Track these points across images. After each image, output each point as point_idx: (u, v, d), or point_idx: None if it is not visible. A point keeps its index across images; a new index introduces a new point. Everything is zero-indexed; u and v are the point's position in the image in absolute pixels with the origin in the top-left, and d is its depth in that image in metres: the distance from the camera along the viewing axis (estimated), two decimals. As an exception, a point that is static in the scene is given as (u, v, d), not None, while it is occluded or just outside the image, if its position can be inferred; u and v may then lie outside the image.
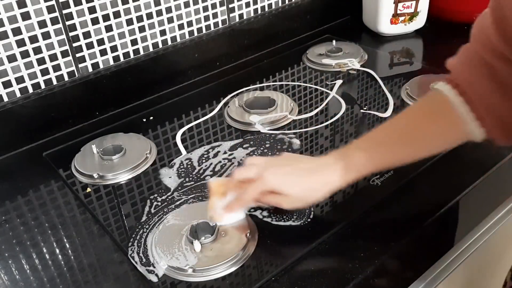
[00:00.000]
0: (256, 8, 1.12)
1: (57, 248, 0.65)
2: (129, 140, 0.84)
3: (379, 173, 0.71)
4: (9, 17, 0.80)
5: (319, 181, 0.61)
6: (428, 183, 0.70)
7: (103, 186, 0.75)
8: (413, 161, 0.61)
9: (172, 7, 0.98)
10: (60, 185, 0.77)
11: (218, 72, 1.08)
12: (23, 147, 0.87)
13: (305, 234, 0.62)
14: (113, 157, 0.79)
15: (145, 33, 0.97)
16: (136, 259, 0.60)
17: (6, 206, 0.74)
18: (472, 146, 0.76)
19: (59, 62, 0.89)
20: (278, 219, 0.64)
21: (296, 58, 1.10)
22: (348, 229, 0.63)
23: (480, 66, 0.56)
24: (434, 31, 1.17)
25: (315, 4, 1.21)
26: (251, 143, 0.81)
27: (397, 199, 0.67)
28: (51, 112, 0.89)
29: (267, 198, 0.62)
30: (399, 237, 0.61)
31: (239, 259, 0.58)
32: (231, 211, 0.62)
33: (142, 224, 0.66)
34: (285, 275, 0.57)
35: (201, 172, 0.75)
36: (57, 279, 0.60)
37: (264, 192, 0.61)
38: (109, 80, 0.94)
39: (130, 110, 0.96)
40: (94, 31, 0.90)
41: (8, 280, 0.61)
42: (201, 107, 0.94)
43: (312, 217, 0.64)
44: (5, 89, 0.84)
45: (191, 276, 0.57)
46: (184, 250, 0.60)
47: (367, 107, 0.88)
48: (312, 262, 0.58)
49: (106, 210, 0.70)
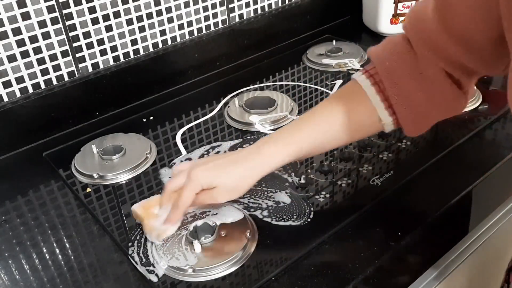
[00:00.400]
0: (256, 8, 1.12)
1: (57, 248, 0.65)
2: (129, 140, 0.84)
3: (379, 172, 0.71)
4: (9, 17, 0.80)
5: (246, 168, 0.62)
6: (428, 183, 0.70)
7: (103, 186, 0.75)
8: (328, 149, 0.66)
9: (172, 7, 0.98)
10: (60, 185, 0.77)
11: (218, 72, 1.08)
12: (23, 147, 0.87)
13: (305, 234, 0.62)
14: (113, 157, 0.79)
15: (145, 33, 0.97)
16: (136, 259, 0.60)
17: (6, 206, 0.74)
18: (472, 146, 0.76)
19: (59, 62, 0.89)
20: (278, 219, 0.64)
21: (296, 58, 1.10)
22: (348, 229, 0.63)
23: (403, 53, 0.58)
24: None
25: (315, 4, 1.21)
26: (251, 143, 0.81)
27: (397, 199, 0.67)
28: (51, 112, 0.89)
29: (201, 197, 0.62)
30: (399, 237, 0.61)
31: (239, 259, 0.58)
32: (173, 222, 0.62)
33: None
34: (285, 275, 0.57)
35: (201, 172, 0.75)
36: (57, 279, 0.60)
37: (196, 192, 0.61)
38: (109, 80, 0.94)
39: (130, 110, 0.96)
40: (94, 31, 0.90)
41: (8, 280, 0.61)
42: (201, 107, 0.94)
43: (312, 217, 0.64)
44: (5, 89, 0.84)
45: (191, 276, 0.57)
46: (184, 250, 0.60)
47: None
48: (312, 262, 0.58)
49: (106, 210, 0.70)
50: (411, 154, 0.75)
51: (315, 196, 0.68)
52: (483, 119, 0.81)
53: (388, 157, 0.75)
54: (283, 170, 0.73)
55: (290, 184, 0.71)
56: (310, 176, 0.72)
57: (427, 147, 0.76)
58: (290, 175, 0.73)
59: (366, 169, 0.72)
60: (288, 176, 0.72)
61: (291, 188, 0.70)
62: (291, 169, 0.74)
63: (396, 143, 0.78)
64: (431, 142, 0.77)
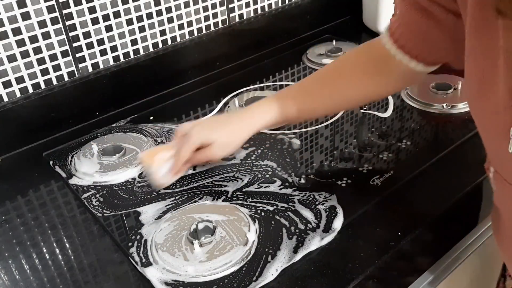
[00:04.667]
0: (256, 8, 1.12)
1: (57, 248, 0.65)
2: (129, 140, 0.84)
3: (379, 172, 0.71)
4: (9, 17, 0.80)
5: (239, 125, 0.71)
6: (428, 183, 0.70)
7: (103, 186, 0.75)
8: (334, 111, 0.78)
9: (172, 7, 0.98)
10: (60, 185, 0.77)
11: (218, 72, 1.08)
12: (23, 147, 0.87)
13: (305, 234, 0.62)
14: (113, 157, 0.79)
15: (145, 33, 0.97)
16: (136, 259, 0.60)
17: (6, 206, 0.74)
18: (472, 146, 0.76)
19: (59, 62, 0.89)
20: (278, 218, 0.64)
21: (296, 58, 1.10)
22: (348, 229, 0.63)
23: (416, 10, 0.59)
24: (434, 31, 1.17)
25: (315, 4, 1.21)
26: (251, 143, 0.81)
27: (397, 199, 0.67)
28: (51, 112, 0.89)
29: (198, 155, 0.71)
30: (399, 237, 0.61)
31: (239, 259, 0.58)
32: (173, 173, 0.72)
33: (142, 224, 0.66)
34: (285, 275, 0.57)
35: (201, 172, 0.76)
36: (57, 279, 0.60)
37: (194, 147, 0.70)
38: (109, 80, 0.94)
39: (130, 110, 0.96)
40: (94, 31, 0.90)
41: (8, 280, 0.61)
42: (201, 107, 0.94)
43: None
44: (5, 89, 0.84)
45: (191, 276, 0.57)
46: (184, 250, 0.60)
47: (367, 107, 0.88)
48: (312, 262, 0.58)
49: (106, 210, 0.70)
50: (411, 154, 0.75)
51: (315, 196, 0.68)
52: (483, 119, 0.81)
53: (388, 157, 0.75)
54: (283, 170, 0.74)
55: (290, 184, 0.71)
56: (310, 176, 0.72)
57: (427, 147, 0.76)
58: (290, 175, 0.73)
59: (366, 169, 0.72)
60: (288, 176, 0.72)
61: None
62: (291, 169, 0.74)
63: (396, 143, 0.78)
64: (431, 142, 0.77)
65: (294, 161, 0.76)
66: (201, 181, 0.73)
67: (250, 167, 0.75)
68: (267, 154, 0.78)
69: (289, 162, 0.76)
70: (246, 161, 0.76)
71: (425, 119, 0.83)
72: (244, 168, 0.75)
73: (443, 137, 0.78)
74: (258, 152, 0.79)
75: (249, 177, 0.73)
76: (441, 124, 0.81)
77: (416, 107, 0.86)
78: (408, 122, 0.83)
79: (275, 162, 0.76)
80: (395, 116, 0.85)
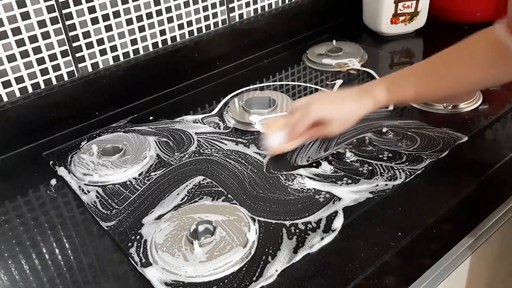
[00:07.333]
0: (256, 8, 1.12)
1: (56, 248, 0.65)
2: (129, 140, 0.84)
3: (379, 172, 0.71)
4: (9, 17, 0.80)
5: (357, 104, 0.72)
6: (428, 183, 0.70)
7: (102, 186, 0.75)
8: (454, 93, 0.77)
9: (172, 7, 0.98)
10: (60, 185, 0.77)
11: (218, 72, 1.08)
12: (23, 147, 0.87)
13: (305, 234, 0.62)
14: (113, 157, 0.79)
15: (144, 33, 0.97)
16: (136, 259, 0.60)
17: (6, 206, 0.73)
18: (472, 146, 0.76)
19: (58, 62, 0.89)
20: (278, 218, 0.64)
21: (296, 58, 1.10)
22: (348, 229, 0.63)
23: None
24: (434, 31, 1.17)
25: (315, 4, 1.21)
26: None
27: (397, 199, 0.67)
28: (51, 112, 0.89)
29: (313, 132, 0.73)
30: (399, 237, 0.61)
31: (239, 259, 0.58)
32: (289, 140, 0.74)
33: (142, 224, 0.66)
34: (285, 275, 0.57)
35: (201, 172, 0.76)
36: (57, 279, 0.60)
37: (311, 122, 0.72)
38: (109, 80, 0.94)
39: (130, 110, 0.96)
40: (94, 31, 0.90)
41: (8, 280, 0.61)
42: (201, 107, 0.94)
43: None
44: (4, 89, 0.84)
45: (191, 276, 0.57)
46: (184, 250, 0.60)
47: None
48: (312, 262, 0.58)
49: (106, 210, 0.70)
50: (411, 154, 0.75)
51: (315, 196, 0.68)
52: (483, 119, 0.81)
53: (388, 157, 0.74)
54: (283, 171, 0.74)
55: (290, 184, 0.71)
56: (310, 176, 0.72)
57: (427, 147, 0.76)
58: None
59: (366, 169, 0.72)
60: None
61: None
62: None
63: (396, 143, 0.77)
64: (431, 142, 0.77)
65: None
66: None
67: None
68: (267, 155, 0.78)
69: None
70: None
71: (425, 119, 0.83)
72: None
73: (443, 137, 0.78)
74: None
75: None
76: (442, 124, 0.81)
77: (417, 107, 0.86)
78: (408, 122, 0.83)
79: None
80: (395, 116, 0.85)
